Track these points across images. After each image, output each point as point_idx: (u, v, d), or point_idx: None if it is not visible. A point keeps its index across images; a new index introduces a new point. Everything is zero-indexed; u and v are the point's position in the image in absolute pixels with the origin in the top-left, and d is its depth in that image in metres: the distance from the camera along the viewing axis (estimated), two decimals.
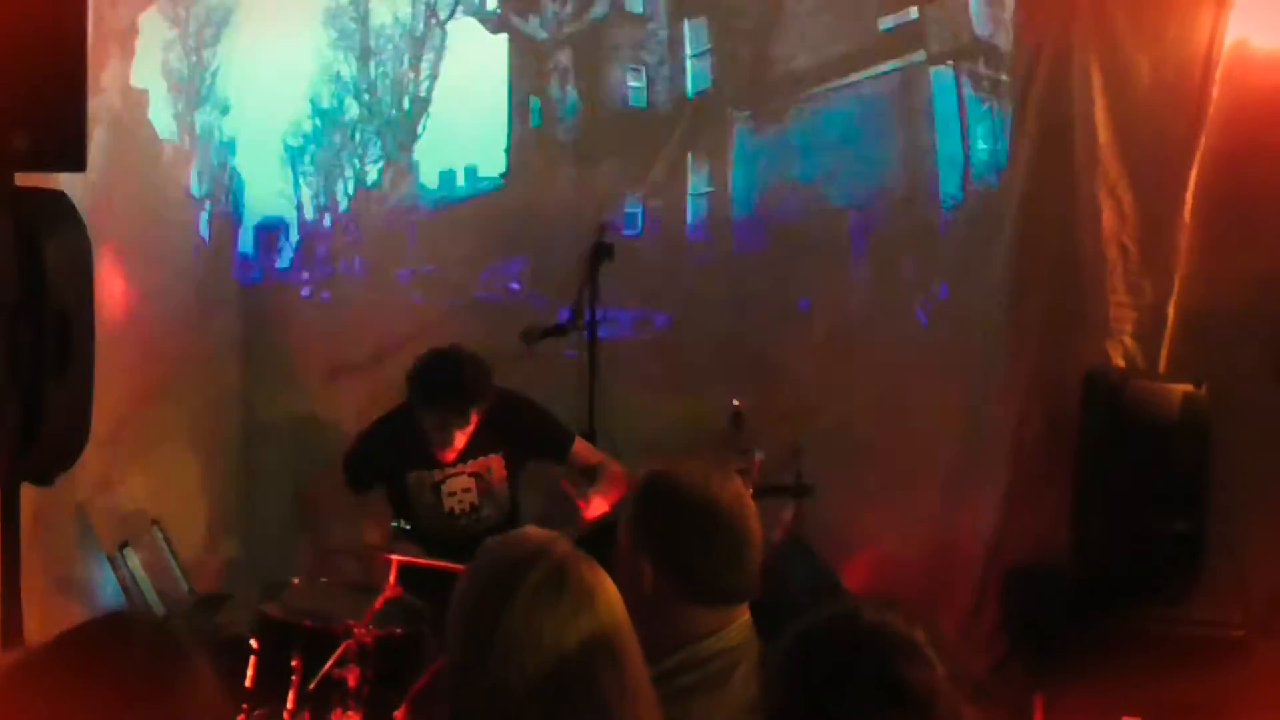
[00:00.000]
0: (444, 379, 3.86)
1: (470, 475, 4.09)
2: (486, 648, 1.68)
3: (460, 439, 3.95)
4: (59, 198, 3.21)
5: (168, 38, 4.50)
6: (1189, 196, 4.21)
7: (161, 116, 4.46)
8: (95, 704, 1.49)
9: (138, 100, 4.33)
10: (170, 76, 4.52)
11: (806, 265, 4.61)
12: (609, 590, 1.77)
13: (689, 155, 4.72)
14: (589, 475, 4.10)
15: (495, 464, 4.12)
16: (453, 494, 4.10)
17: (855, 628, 1.68)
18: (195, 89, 4.65)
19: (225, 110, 4.78)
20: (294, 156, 4.95)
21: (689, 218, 4.74)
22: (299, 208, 4.91)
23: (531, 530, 1.83)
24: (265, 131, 4.93)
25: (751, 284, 4.66)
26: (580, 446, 4.18)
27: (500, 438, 4.07)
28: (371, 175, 4.89)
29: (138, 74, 4.29)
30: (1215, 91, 4.18)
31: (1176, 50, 4.20)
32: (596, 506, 3.88)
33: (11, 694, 1.50)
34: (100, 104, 3.40)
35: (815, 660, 1.67)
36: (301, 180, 4.91)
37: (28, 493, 3.37)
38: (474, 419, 3.92)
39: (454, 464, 4.05)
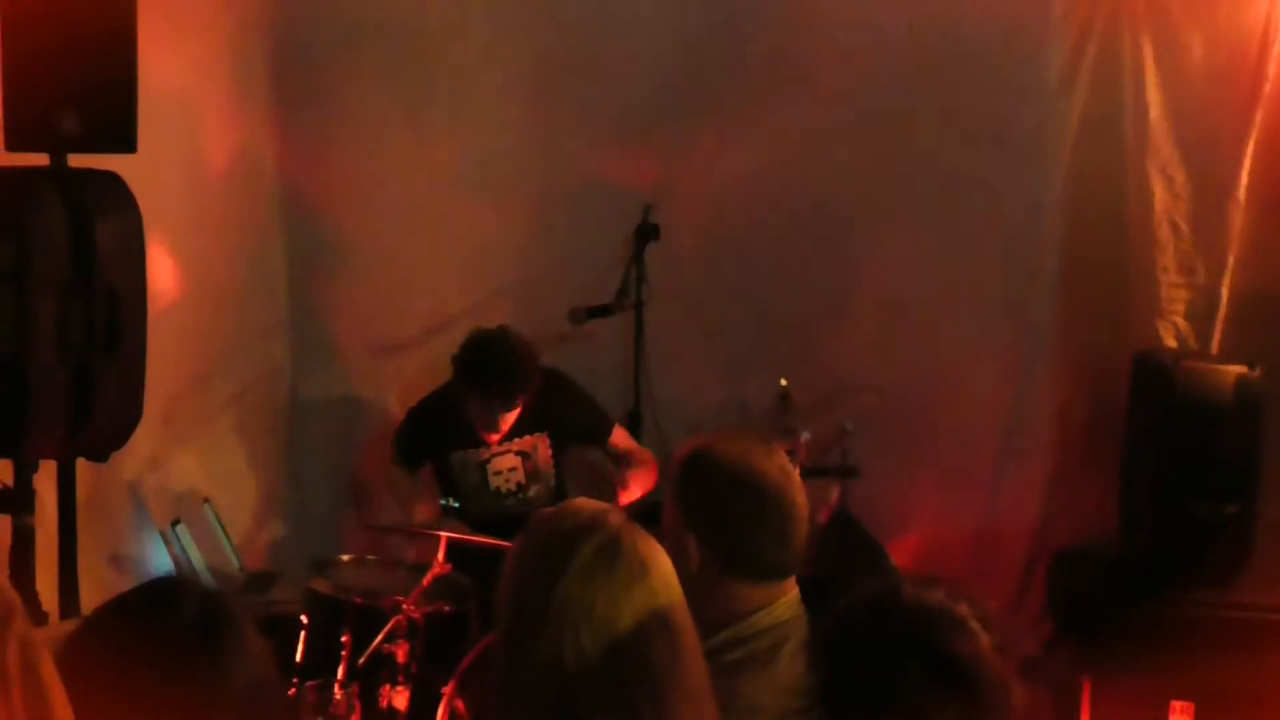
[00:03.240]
0: (490, 365, 3.86)
1: (516, 454, 4.12)
2: (540, 619, 1.68)
3: (505, 423, 3.99)
4: (112, 178, 3.25)
5: None
6: (1244, 175, 4.16)
7: None
8: (148, 663, 1.52)
9: None
10: None
11: (853, 245, 4.59)
12: (663, 562, 1.76)
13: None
14: (623, 464, 4.15)
15: (541, 443, 4.15)
16: (499, 473, 4.13)
17: (898, 603, 1.67)
18: None
19: None
20: None
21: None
22: None
23: (584, 502, 1.83)
24: None
25: (798, 263, 4.64)
26: (620, 434, 4.21)
27: (546, 417, 4.09)
28: None
29: None
30: (1272, 69, 4.13)
31: (1230, 27, 4.16)
32: (630, 493, 3.94)
33: (69, 655, 1.53)
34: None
35: (860, 636, 1.67)
36: None
37: (82, 470, 3.43)
38: (519, 404, 3.94)
39: (500, 442, 4.07)
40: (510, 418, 3.98)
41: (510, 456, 4.12)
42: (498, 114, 4.66)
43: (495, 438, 4.03)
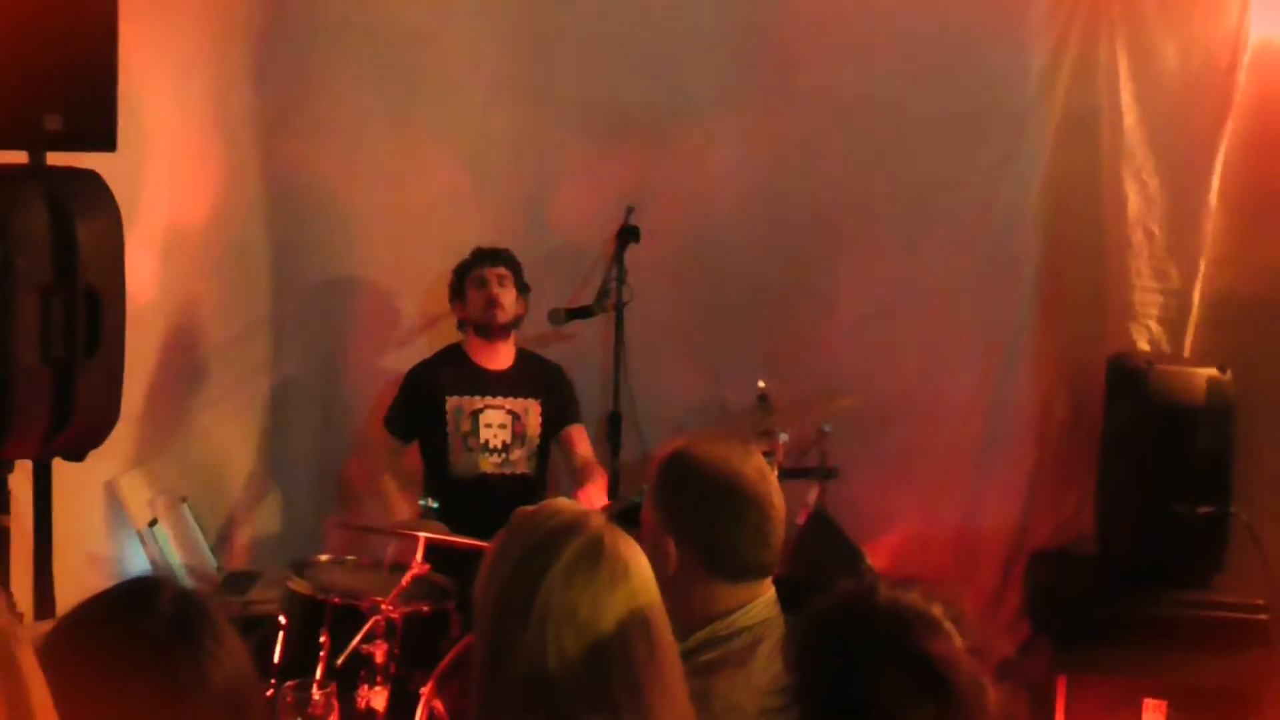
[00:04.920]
0: (477, 249, 4.35)
1: (508, 412, 4.31)
2: (522, 621, 1.69)
3: (501, 293, 4.25)
4: (92, 177, 3.24)
5: None
6: (1216, 181, 4.21)
7: None
8: (125, 662, 1.52)
9: None
10: None
11: (833, 248, 4.62)
12: (643, 563, 1.78)
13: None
14: (575, 468, 4.31)
15: (533, 409, 4.34)
16: (489, 425, 4.29)
17: (872, 604, 1.69)
18: None
19: None
20: None
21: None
22: None
23: (565, 502, 1.84)
24: None
25: (778, 266, 4.66)
26: (584, 433, 4.39)
27: (541, 386, 4.35)
28: None
29: None
30: (1242, 77, 4.18)
31: (1204, 36, 4.22)
32: (593, 501, 4.03)
33: (45, 655, 1.54)
34: None
35: (834, 637, 1.69)
36: None
37: (59, 469, 3.42)
38: (509, 275, 4.28)
39: (495, 396, 4.29)
40: (505, 291, 4.24)
41: (502, 413, 4.31)
42: (482, 116, 4.67)
43: (499, 314, 4.24)
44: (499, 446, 4.30)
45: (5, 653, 1.23)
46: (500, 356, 4.36)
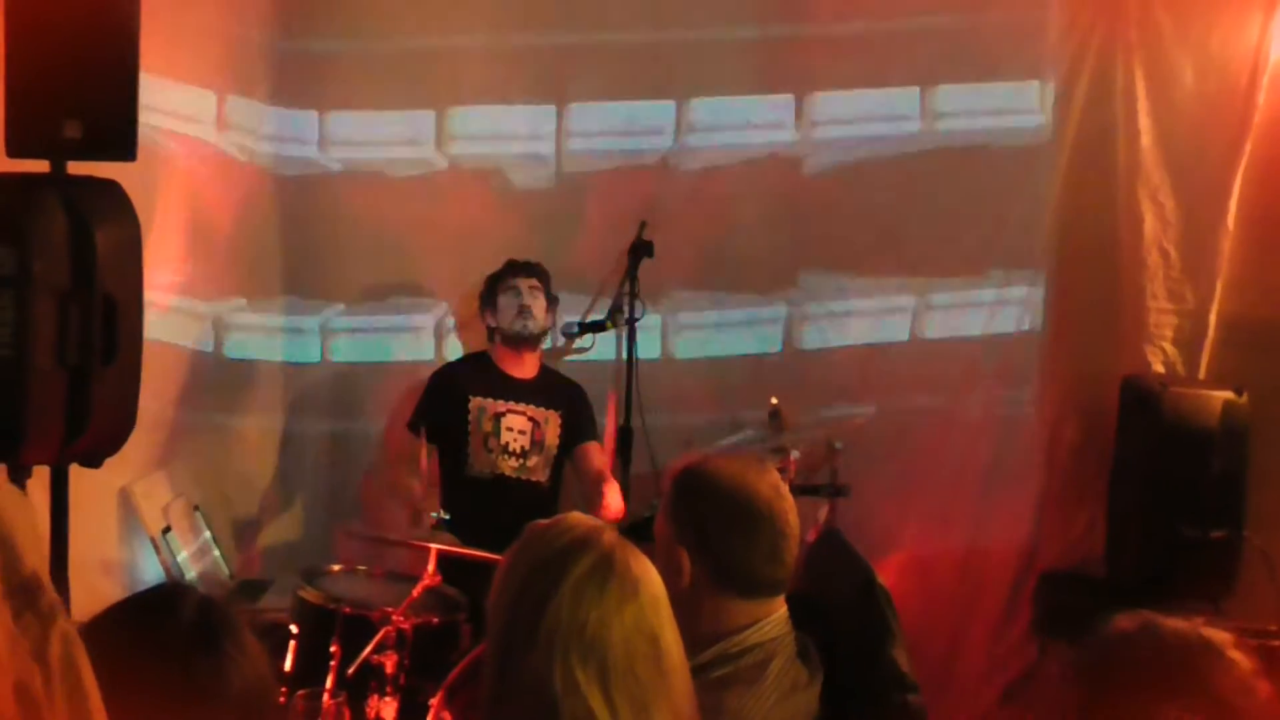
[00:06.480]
0: (510, 260, 4.43)
1: (529, 418, 4.37)
2: (530, 637, 1.68)
3: (533, 304, 4.33)
4: (111, 186, 3.26)
5: None
6: (1233, 203, 4.21)
7: None
8: (148, 668, 1.53)
9: None
10: None
11: (845, 265, 4.62)
12: (654, 580, 1.77)
13: None
14: (591, 480, 4.32)
15: (552, 419, 4.40)
16: (510, 429, 4.36)
17: (1162, 635, 1.64)
18: None
19: None
20: None
21: None
22: None
23: (578, 516, 1.83)
24: None
25: (790, 282, 4.67)
26: (599, 450, 4.43)
27: (559, 399, 4.42)
28: None
29: None
30: (1261, 98, 4.18)
31: (1221, 57, 4.22)
32: (612, 511, 4.08)
33: None
34: None
35: (1117, 661, 1.65)
36: None
37: (74, 476, 3.43)
38: (541, 287, 4.36)
39: (518, 402, 4.36)
40: (538, 302, 4.33)
41: (524, 419, 4.38)
42: (495, 127, 4.70)
43: (530, 324, 4.32)
44: (518, 451, 4.35)
45: (68, 661, 1.23)
46: (526, 366, 4.42)
